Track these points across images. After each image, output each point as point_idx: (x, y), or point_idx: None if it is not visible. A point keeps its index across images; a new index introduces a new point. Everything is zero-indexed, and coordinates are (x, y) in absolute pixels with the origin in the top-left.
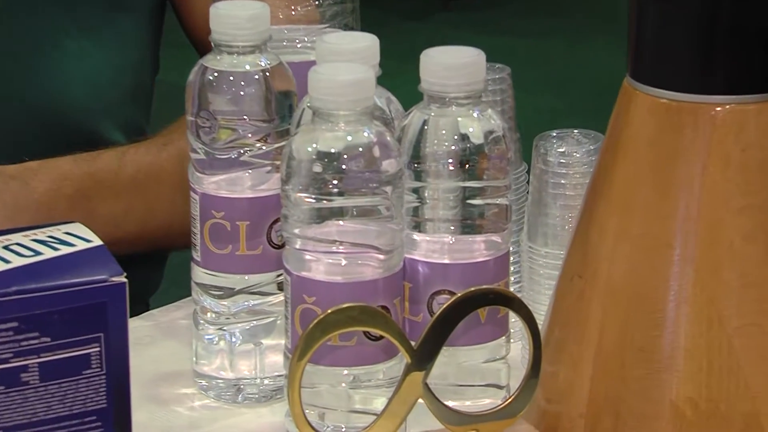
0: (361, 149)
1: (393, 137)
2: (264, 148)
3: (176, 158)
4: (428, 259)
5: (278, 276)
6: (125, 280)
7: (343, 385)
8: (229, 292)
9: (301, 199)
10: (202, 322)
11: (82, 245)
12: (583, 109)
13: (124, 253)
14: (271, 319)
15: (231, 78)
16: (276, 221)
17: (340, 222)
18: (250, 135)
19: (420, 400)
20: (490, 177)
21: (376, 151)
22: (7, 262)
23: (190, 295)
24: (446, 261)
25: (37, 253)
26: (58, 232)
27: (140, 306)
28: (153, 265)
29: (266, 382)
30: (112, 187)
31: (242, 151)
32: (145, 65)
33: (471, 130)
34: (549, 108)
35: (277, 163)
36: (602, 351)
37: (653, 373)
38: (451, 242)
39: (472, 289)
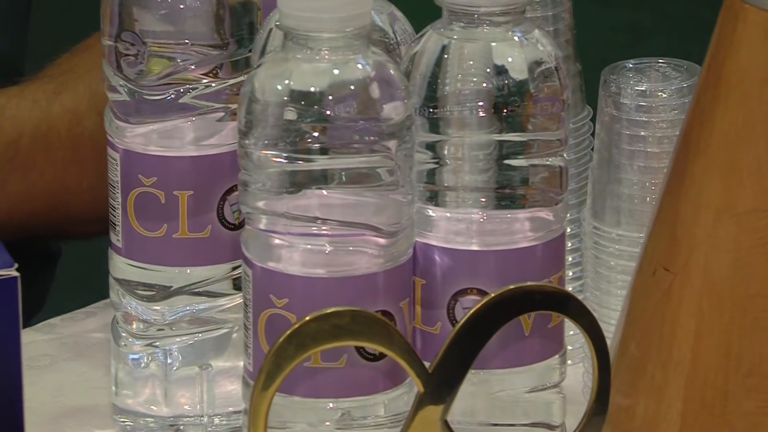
0: (352, 87)
1: (399, 70)
2: (214, 85)
3: (71, 114)
4: (449, 245)
5: (234, 269)
6: (17, 273)
7: (328, 423)
8: (163, 293)
9: (268, 158)
10: (124, 335)
11: None
12: (674, 28)
13: None
14: (224, 330)
15: None
16: (231, 191)
17: (324, 191)
18: (193, 66)
19: None
20: (538, 127)
21: (375, 91)
22: None
23: (105, 297)
24: (475, 247)
25: None
26: None
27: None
28: (38, 265)
29: (217, 421)
30: None
31: (182, 90)
32: None
33: (510, 60)
34: (624, 26)
35: (233, 107)
36: (697, 376)
37: None
38: (481, 220)
39: (511, 287)
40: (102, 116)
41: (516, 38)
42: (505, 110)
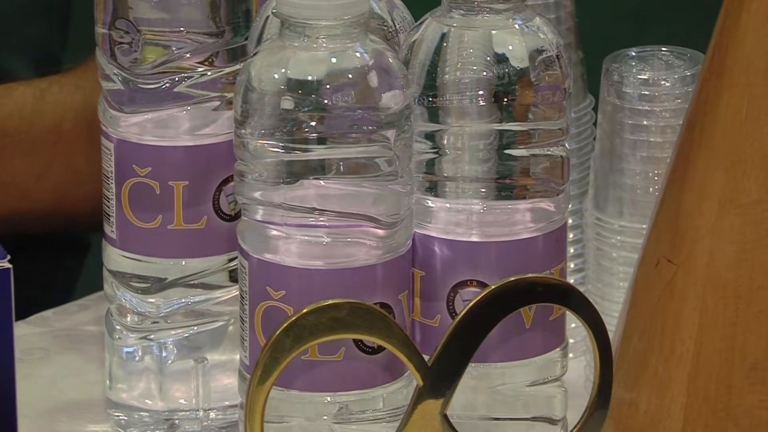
0: (350, 76)
1: (397, 59)
2: (209, 74)
3: None
4: (449, 236)
5: (230, 261)
6: (10, 265)
7: (326, 417)
8: (158, 285)
9: (264, 148)
10: (119, 328)
11: None
12: (677, 15)
13: (29, 232)
14: (220, 323)
15: None
16: (227, 181)
17: (321, 182)
18: (188, 55)
19: None
20: (539, 117)
21: (373, 79)
22: None
23: (99, 289)
24: (475, 238)
25: None
26: None
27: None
28: (69, 254)
29: (212, 415)
30: (23, 141)
31: (177, 79)
32: None
33: (510, 48)
34: (627, 14)
35: (229, 95)
36: (700, 369)
37: None
38: (481, 211)
39: (512, 279)
40: None
41: (517, 26)
42: (505, 99)
